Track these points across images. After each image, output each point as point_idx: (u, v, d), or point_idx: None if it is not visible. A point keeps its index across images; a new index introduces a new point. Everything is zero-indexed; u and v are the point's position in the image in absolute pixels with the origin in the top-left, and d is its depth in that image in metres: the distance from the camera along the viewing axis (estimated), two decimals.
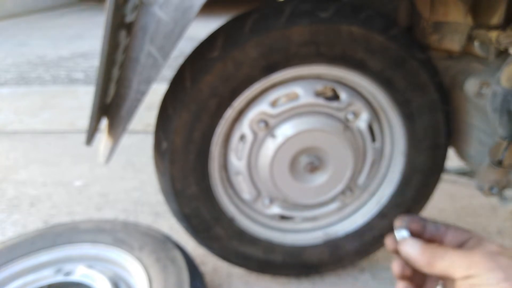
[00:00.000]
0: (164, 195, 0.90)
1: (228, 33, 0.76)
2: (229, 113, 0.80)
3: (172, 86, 0.82)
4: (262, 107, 0.82)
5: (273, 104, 0.83)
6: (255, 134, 0.84)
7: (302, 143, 0.85)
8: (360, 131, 0.88)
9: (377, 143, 0.92)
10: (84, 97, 2.67)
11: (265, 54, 0.75)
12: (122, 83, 0.65)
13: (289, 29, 0.74)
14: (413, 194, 0.95)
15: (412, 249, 0.46)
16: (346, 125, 0.86)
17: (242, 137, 0.85)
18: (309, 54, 0.77)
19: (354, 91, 0.86)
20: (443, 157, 0.93)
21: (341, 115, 0.86)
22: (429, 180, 0.95)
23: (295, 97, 0.83)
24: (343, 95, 0.85)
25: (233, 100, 0.79)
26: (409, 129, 0.88)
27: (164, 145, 0.81)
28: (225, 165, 0.89)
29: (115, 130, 0.69)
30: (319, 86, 0.84)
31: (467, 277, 0.41)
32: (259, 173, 0.88)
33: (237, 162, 0.87)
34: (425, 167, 0.92)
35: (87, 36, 5.14)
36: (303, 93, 0.82)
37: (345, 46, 0.77)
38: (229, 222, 0.92)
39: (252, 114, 0.83)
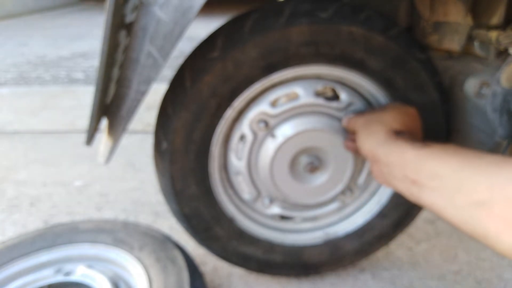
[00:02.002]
0: (164, 195, 0.90)
1: (228, 33, 0.76)
2: (229, 113, 0.80)
3: (172, 86, 0.82)
4: (262, 107, 0.82)
5: (273, 104, 0.83)
6: (255, 134, 0.84)
7: (302, 143, 0.85)
8: None
9: None
10: (84, 97, 2.68)
11: (265, 54, 0.75)
12: (122, 83, 0.65)
13: (289, 29, 0.74)
14: None
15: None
16: None
17: (242, 137, 0.85)
18: (309, 54, 0.77)
19: (354, 91, 0.87)
20: None
21: (341, 115, 0.86)
22: None
23: (295, 97, 0.83)
24: (343, 95, 0.85)
25: (233, 100, 0.79)
26: None
27: (164, 145, 0.81)
28: (225, 165, 0.89)
29: (115, 130, 0.69)
30: (319, 86, 0.84)
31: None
32: (259, 173, 0.88)
33: (237, 162, 0.87)
34: None
35: (87, 36, 5.14)
36: (303, 93, 0.82)
37: (345, 46, 0.77)
38: (229, 222, 0.92)
39: (252, 114, 0.83)
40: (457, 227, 0.50)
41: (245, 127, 0.84)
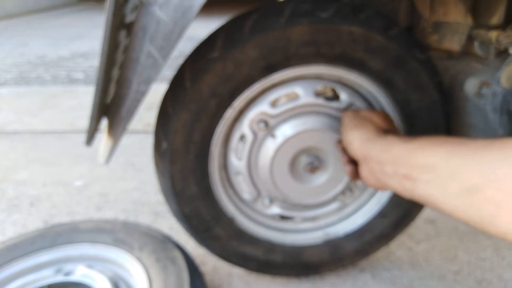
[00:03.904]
0: (164, 195, 0.90)
1: (228, 33, 0.76)
2: (229, 113, 0.80)
3: (172, 86, 0.82)
4: (262, 107, 0.82)
5: (273, 104, 0.83)
6: (255, 134, 0.84)
7: (302, 143, 0.85)
8: None
9: None
10: (84, 97, 2.68)
11: (265, 54, 0.75)
12: (122, 83, 0.65)
13: (289, 29, 0.74)
14: None
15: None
16: None
17: (242, 137, 0.85)
18: (309, 54, 0.77)
19: (354, 91, 0.86)
20: None
21: (341, 115, 0.86)
22: None
23: (295, 97, 0.83)
24: (343, 95, 0.85)
25: (233, 100, 0.79)
26: (409, 129, 0.88)
27: (164, 145, 0.81)
28: (225, 165, 0.89)
29: (115, 130, 0.69)
30: (319, 86, 0.84)
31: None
32: (259, 173, 0.88)
33: (237, 162, 0.87)
34: None
35: (87, 36, 5.14)
36: (303, 93, 0.82)
37: (345, 46, 0.77)
38: (229, 222, 0.92)
39: (252, 114, 0.83)
40: (453, 215, 0.50)
41: (245, 127, 0.84)
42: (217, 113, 0.79)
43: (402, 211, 0.97)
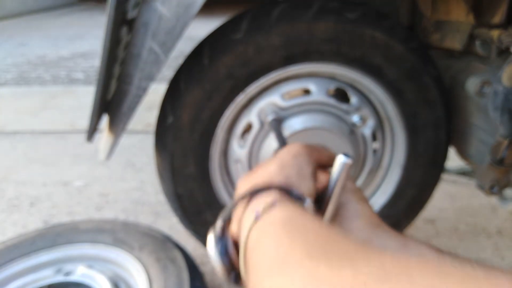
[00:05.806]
0: (160, 172, 0.88)
1: (255, 17, 0.75)
2: (241, 98, 0.79)
3: (188, 61, 0.80)
4: (273, 98, 0.82)
5: (284, 96, 0.83)
6: (262, 124, 0.83)
7: (307, 140, 0.84)
8: (363, 138, 0.88)
9: (377, 152, 0.92)
10: (84, 97, 2.67)
11: (287, 44, 0.75)
12: (124, 80, 0.64)
13: (315, 24, 0.74)
14: (404, 207, 0.95)
15: None
16: (351, 129, 0.86)
17: (248, 125, 0.85)
18: (330, 52, 0.77)
19: (364, 96, 0.86)
20: (438, 174, 0.93)
21: (348, 118, 0.85)
22: (422, 195, 0.94)
23: (307, 93, 0.83)
24: (354, 99, 0.84)
25: (247, 86, 0.78)
26: (411, 142, 0.87)
27: (170, 119, 0.80)
28: (225, 151, 0.88)
29: (116, 126, 0.69)
30: (332, 86, 0.84)
31: None
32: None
33: (238, 150, 0.86)
34: (420, 182, 0.92)
35: (87, 36, 5.14)
36: (316, 90, 0.82)
37: (366, 50, 0.77)
38: (221, 209, 0.90)
39: (263, 103, 0.82)
40: None
41: (253, 115, 0.83)
42: (229, 96, 0.78)
43: (391, 223, 0.96)
